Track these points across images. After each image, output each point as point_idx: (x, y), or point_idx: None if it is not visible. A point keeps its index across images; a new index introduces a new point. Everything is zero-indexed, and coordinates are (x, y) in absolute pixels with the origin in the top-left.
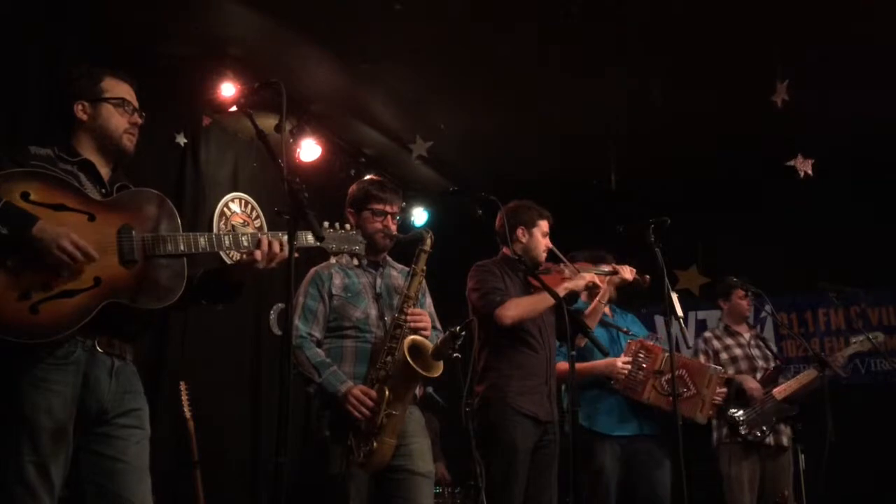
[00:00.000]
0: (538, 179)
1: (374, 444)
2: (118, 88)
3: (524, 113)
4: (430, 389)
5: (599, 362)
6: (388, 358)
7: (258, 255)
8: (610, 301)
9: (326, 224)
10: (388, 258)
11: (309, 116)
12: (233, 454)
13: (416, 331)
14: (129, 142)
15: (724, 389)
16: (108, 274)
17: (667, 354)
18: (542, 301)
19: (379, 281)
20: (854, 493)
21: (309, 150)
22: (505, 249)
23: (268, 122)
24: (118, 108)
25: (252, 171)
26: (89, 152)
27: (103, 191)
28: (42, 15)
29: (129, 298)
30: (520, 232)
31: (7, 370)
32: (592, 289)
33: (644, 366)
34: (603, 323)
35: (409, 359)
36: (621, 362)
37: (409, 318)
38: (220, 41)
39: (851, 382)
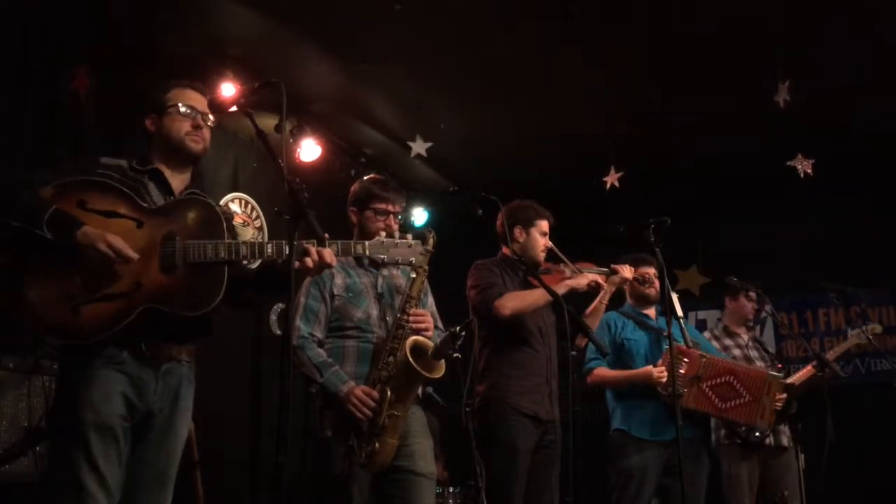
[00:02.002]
0: (538, 179)
1: (377, 444)
2: (182, 96)
3: (524, 113)
4: (429, 389)
5: (637, 371)
6: (391, 358)
7: (308, 262)
8: (652, 303)
9: (384, 234)
10: None
11: (309, 116)
12: (233, 454)
13: (418, 331)
14: (193, 143)
15: (784, 395)
16: (147, 279)
17: (704, 360)
18: (542, 296)
19: (380, 281)
20: (854, 493)
21: (309, 150)
22: (505, 249)
23: (268, 122)
24: (178, 115)
25: (252, 171)
26: (160, 161)
27: (170, 198)
28: (42, 15)
29: (165, 304)
30: (517, 231)
31: (65, 370)
32: (595, 288)
33: (681, 371)
34: (646, 326)
35: (410, 359)
36: (657, 371)
37: (411, 318)
38: (220, 41)
39: (851, 382)
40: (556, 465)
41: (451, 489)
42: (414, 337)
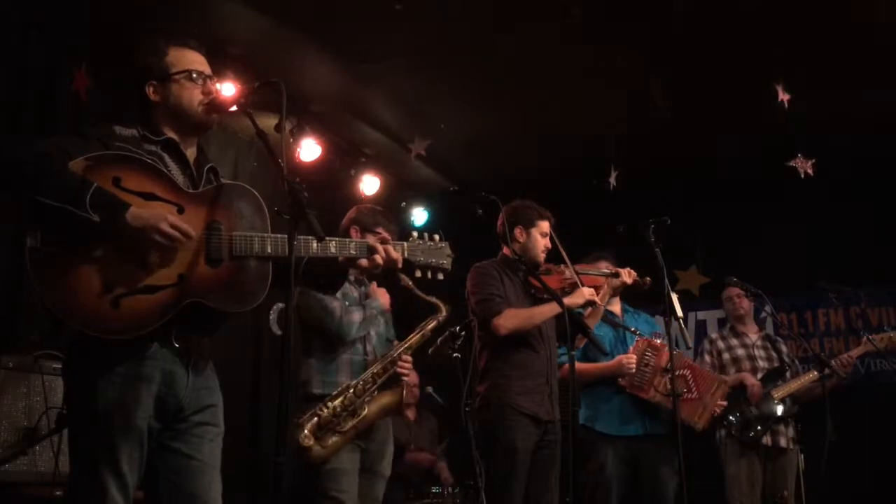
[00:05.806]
0: (538, 179)
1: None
2: (184, 59)
3: (524, 113)
4: (429, 389)
5: (610, 363)
6: (371, 386)
7: (378, 259)
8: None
9: (415, 234)
10: None
11: (309, 116)
12: (232, 454)
13: (400, 376)
14: (207, 113)
15: (725, 402)
16: (192, 272)
17: (674, 353)
18: (540, 315)
19: (364, 295)
20: (854, 493)
21: (309, 149)
22: (505, 250)
23: (268, 122)
24: (188, 81)
25: (252, 171)
26: (170, 132)
27: (188, 171)
28: (42, 15)
29: (210, 299)
30: (518, 231)
31: (84, 365)
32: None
33: (650, 364)
34: (611, 323)
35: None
36: (626, 359)
37: (401, 364)
38: (220, 41)
39: (852, 382)
40: (556, 465)
41: (451, 489)
42: (391, 397)
